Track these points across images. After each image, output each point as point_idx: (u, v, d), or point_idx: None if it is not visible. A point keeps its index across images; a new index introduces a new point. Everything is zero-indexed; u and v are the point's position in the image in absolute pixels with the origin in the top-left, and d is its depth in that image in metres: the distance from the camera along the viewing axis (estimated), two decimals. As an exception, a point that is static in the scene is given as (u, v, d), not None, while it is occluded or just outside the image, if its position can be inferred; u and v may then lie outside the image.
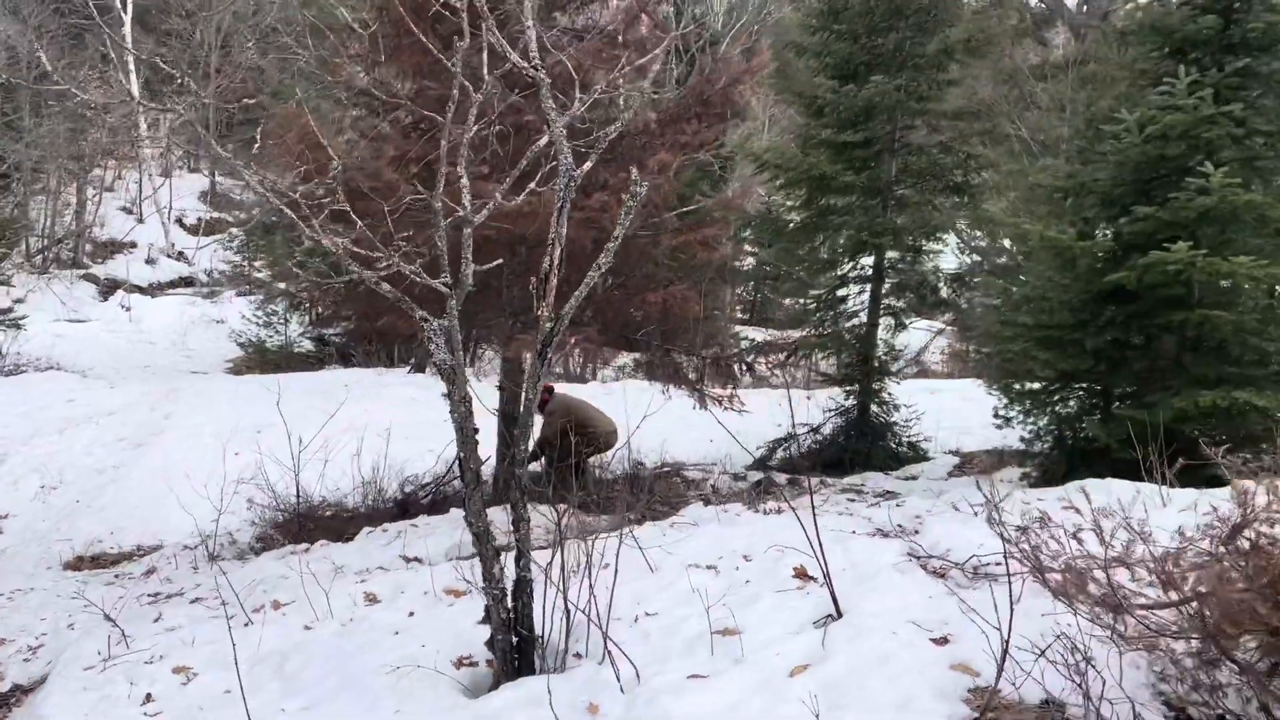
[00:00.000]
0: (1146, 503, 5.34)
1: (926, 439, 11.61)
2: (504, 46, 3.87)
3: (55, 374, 16.98)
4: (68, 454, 12.54)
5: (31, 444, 12.85)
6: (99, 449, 12.74)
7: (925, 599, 4.02)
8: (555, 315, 3.83)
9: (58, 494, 11.38)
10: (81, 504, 10.99)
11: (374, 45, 7.73)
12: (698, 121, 8.01)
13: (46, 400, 14.84)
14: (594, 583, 4.24)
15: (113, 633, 5.25)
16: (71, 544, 9.40)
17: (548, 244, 6.56)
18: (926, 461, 11.31)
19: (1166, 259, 6.19)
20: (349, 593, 5.39)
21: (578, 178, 3.81)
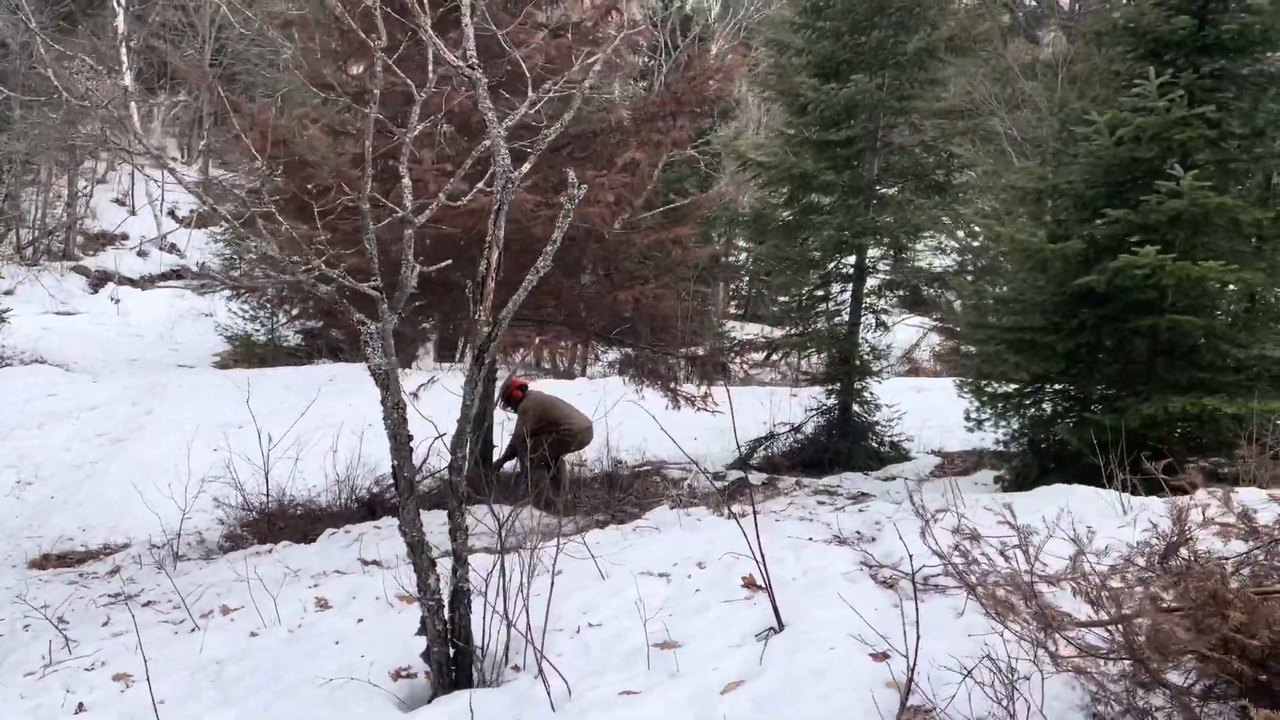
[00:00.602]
0: (1105, 512, 5.30)
1: (909, 438, 11.54)
2: (438, 45, 3.78)
3: (39, 367, 16.89)
4: (46, 449, 12.47)
5: (9, 439, 12.77)
6: (78, 444, 12.68)
7: (871, 610, 3.94)
8: (493, 320, 3.75)
9: (33, 490, 11.31)
10: (57, 500, 10.93)
11: (344, 39, 7.66)
12: (672, 119, 7.93)
13: (28, 394, 14.75)
14: (533, 593, 4.18)
15: (60, 637, 5.19)
16: (42, 541, 9.36)
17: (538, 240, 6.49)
18: (908, 461, 11.25)
19: (1135, 263, 6.11)
20: (300, 598, 5.32)
21: (515, 180, 3.72)
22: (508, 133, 3.87)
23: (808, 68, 10.88)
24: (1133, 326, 6.62)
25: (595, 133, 8.04)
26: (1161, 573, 2.91)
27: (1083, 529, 5.10)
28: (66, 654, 4.90)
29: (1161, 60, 6.69)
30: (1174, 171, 5.99)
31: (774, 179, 10.44)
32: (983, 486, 8.39)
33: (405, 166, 4.02)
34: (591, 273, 7.86)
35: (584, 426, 8.79)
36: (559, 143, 8.13)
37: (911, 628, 3.63)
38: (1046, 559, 3.98)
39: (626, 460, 11.05)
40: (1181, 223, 6.37)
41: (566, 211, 3.68)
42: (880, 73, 10.41)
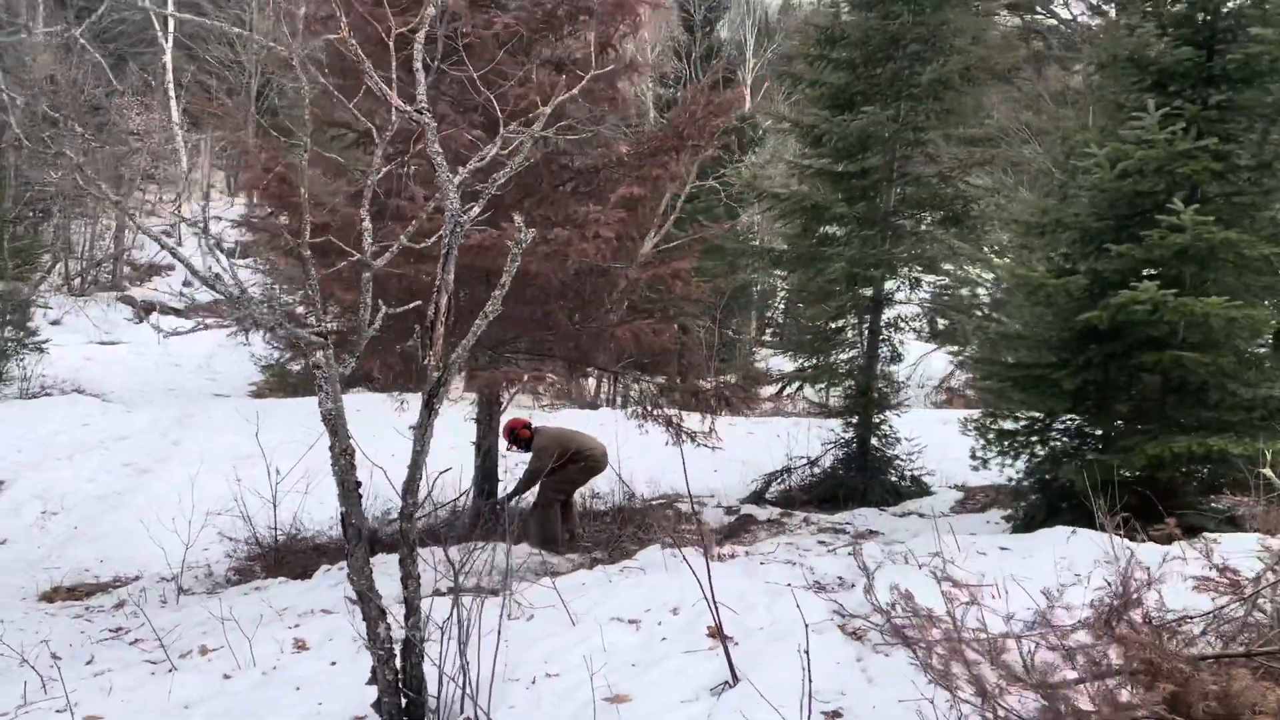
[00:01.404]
0: (1099, 558, 5.12)
1: (930, 472, 11.35)
2: (384, 91, 3.78)
3: (76, 397, 17.22)
4: (73, 480, 12.63)
5: (40, 469, 12.98)
6: (104, 475, 12.84)
7: (832, 664, 3.83)
8: (442, 365, 3.72)
9: (57, 520, 11.46)
10: (79, 531, 11.05)
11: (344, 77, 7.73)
12: (675, 154, 7.90)
13: (62, 424, 15.00)
14: (502, 641, 4.12)
15: (44, 675, 5.22)
16: (58, 573, 9.45)
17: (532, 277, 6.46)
18: (928, 496, 11.06)
19: (1136, 298, 5.95)
20: (279, 638, 5.31)
21: (465, 224, 3.69)
22: (453, 180, 3.85)
23: (821, 99, 10.82)
24: (1138, 363, 6.44)
25: (597, 168, 8.04)
26: (1105, 635, 2.79)
27: (1070, 576, 4.97)
28: (43, 694, 4.92)
29: (1167, 91, 6.54)
30: (1174, 206, 5.83)
31: (786, 211, 10.36)
32: (994, 525, 8.21)
33: (365, 209, 4.01)
34: (589, 309, 7.82)
35: (603, 451, 8.74)
36: (563, 179, 8.16)
37: (869, 685, 3.54)
38: (1023, 609, 3.87)
39: (644, 492, 10.99)
40: (1187, 258, 6.19)
41: (513, 256, 3.65)
42: (894, 104, 10.32)
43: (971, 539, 6.27)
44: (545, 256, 6.96)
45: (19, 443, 14.09)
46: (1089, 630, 2.87)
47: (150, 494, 11.84)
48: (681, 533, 8.34)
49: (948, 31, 10.35)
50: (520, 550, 7.44)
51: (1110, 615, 2.77)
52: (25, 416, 15.46)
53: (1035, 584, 4.57)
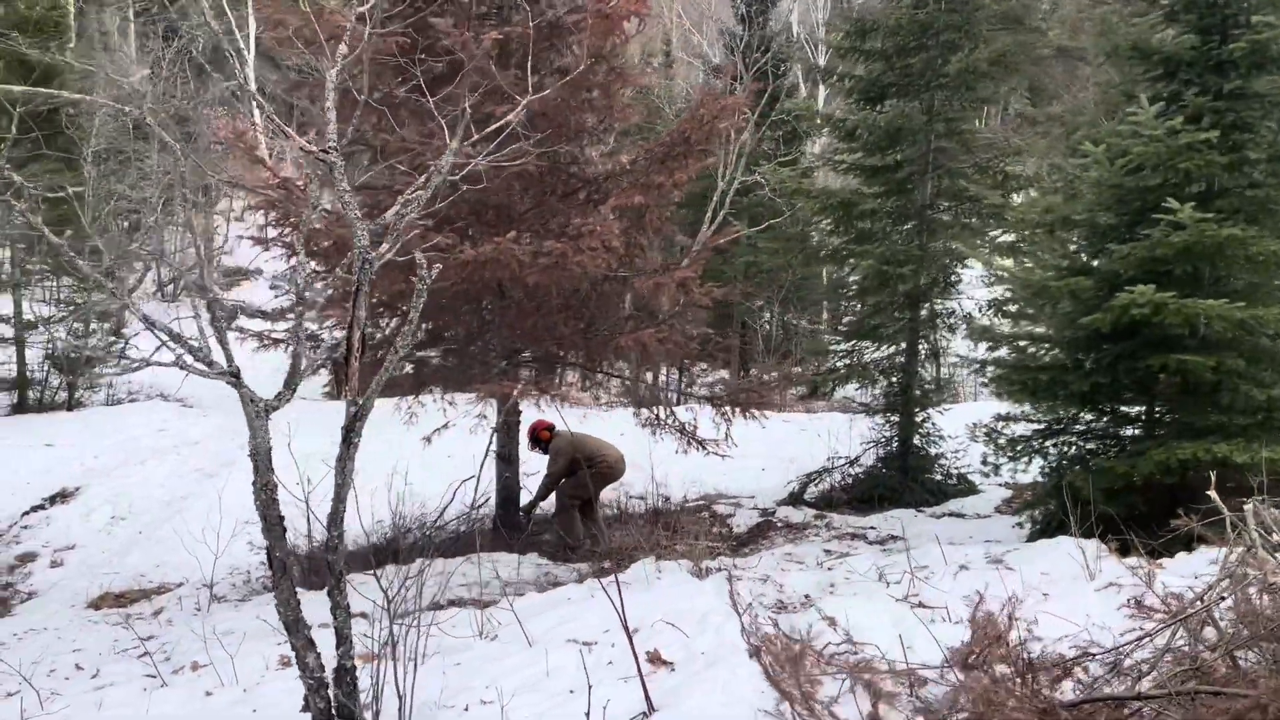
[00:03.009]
0: (1076, 575, 4.96)
1: (980, 470, 11.07)
2: (289, 133, 3.85)
3: (155, 403, 17.95)
4: (143, 485, 13.20)
5: (113, 475, 13.60)
6: (173, 480, 13.39)
7: (756, 693, 3.78)
8: (360, 399, 3.79)
9: (124, 525, 11.99)
10: (143, 536, 11.55)
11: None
12: (683, 160, 7.86)
13: (139, 430, 15.69)
14: (451, 664, 4.19)
15: (51, 691, 5.51)
16: (116, 579, 9.91)
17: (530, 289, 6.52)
18: (974, 496, 10.80)
19: (1136, 300, 5.71)
20: (266, 655, 5.49)
21: (374, 261, 3.75)
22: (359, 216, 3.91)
23: (852, 93, 10.61)
24: (1147, 366, 6.18)
25: (608, 176, 8.05)
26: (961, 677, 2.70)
27: (1038, 596, 4.82)
28: (39, 709, 5.18)
29: (1175, 80, 6.25)
30: (1170, 204, 5.57)
31: (815, 208, 10.20)
32: (1021, 530, 7.98)
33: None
34: (596, 318, 7.84)
35: (618, 457, 8.78)
36: (572, 188, 8.19)
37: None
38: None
39: (684, 495, 10.99)
40: (1193, 256, 5.92)
41: (419, 291, 3.68)
42: (927, 94, 10.07)
43: (968, 551, 6.13)
44: (543, 270, 7.00)
45: (97, 449, 14.79)
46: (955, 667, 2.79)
47: (210, 500, 12.28)
48: (664, 548, 8.27)
49: (981, 19, 10.05)
50: (528, 560, 7.53)
51: (965, 659, 2.68)
52: (106, 423, 16.22)
53: (1000, 603, 4.47)
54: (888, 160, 10.45)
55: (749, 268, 16.24)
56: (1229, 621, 3.25)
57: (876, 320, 10.71)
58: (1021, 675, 2.72)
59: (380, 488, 9.22)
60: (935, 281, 10.19)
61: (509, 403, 8.53)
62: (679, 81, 24.66)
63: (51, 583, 10.03)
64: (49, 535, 11.57)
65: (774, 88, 15.64)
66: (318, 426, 10.29)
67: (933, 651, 3.62)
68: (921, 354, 10.74)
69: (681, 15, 31.95)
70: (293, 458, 8.94)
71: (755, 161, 15.33)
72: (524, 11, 7.60)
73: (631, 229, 7.69)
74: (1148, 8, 6.26)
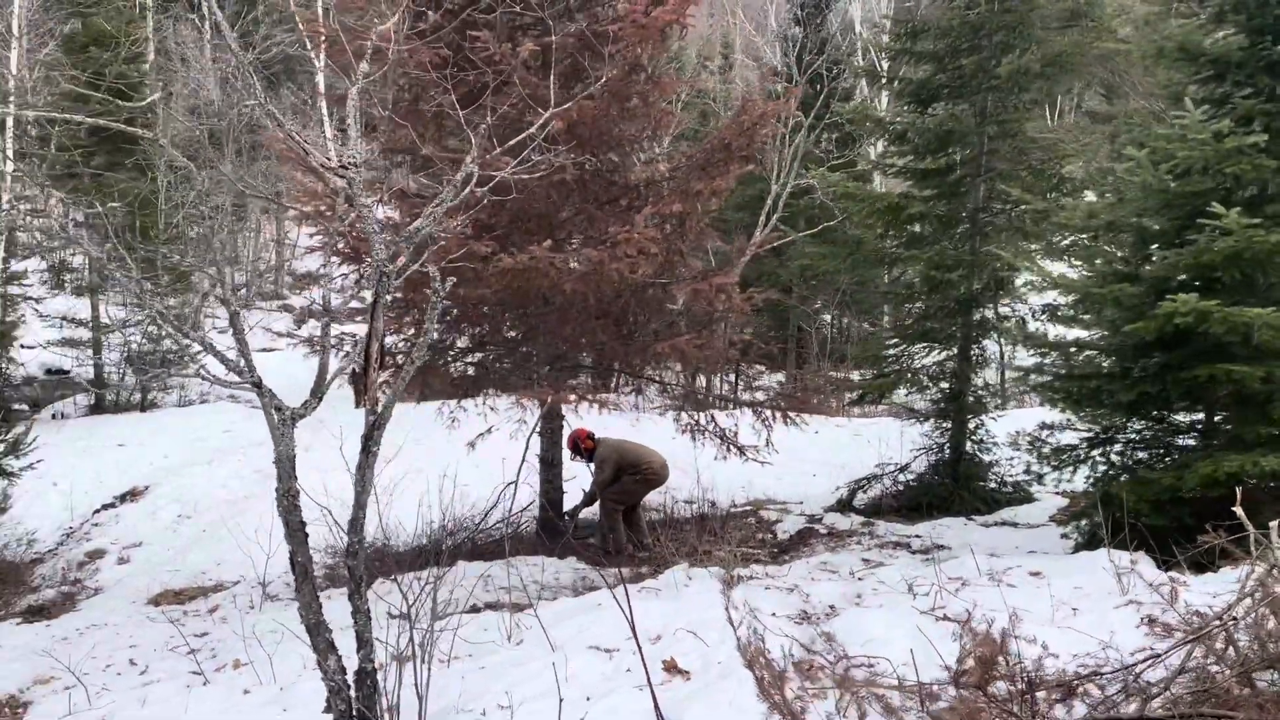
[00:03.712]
0: (1110, 589, 4.85)
1: (1041, 478, 10.85)
2: (305, 150, 3.95)
3: (223, 404, 18.48)
4: (208, 485, 13.58)
5: (181, 474, 14.02)
6: (235, 480, 13.74)
7: (760, 707, 3.78)
8: (377, 408, 3.87)
9: (189, 524, 12.35)
10: (205, 535, 11.87)
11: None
12: (723, 166, 7.86)
13: (206, 431, 16.18)
14: (475, 668, 4.26)
15: (101, 686, 5.71)
16: (177, 576, 10.23)
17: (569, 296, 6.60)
18: (1029, 504, 10.59)
19: (1179, 309, 5.56)
20: (304, 654, 5.59)
21: (391, 274, 3.83)
22: (379, 229, 3.99)
23: (902, 95, 10.50)
24: (1191, 376, 6.02)
25: (648, 183, 8.08)
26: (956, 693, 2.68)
27: (1067, 611, 4.73)
28: (86, 703, 5.38)
29: (1224, 82, 6.08)
30: (1215, 209, 5.42)
31: (863, 211, 10.11)
32: (1065, 541, 7.83)
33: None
34: (635, 325, 7.88)
35: (661, 463, 8.83)
36: (613, 195, 8.24)
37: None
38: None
39: (732, 500, 10.96)
40: (1241, 262, 5.75)
41: (433, 305, 3.76)
42: (977, 97, 9.92)
43: (1006, 563, 6.02)
44: (580, 277, 7.07)
45: (167, 449, 15.28)
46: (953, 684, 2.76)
47: (269, 500, 12.55)
48: (702, 554, 8.27)
49: (1036, 19, 9.87)
50: (566, 564, 7.60)
51: (956, 676, 2.65)
52: (177, 424, 16.75)
53: (1030, 619, 4.39)
54: (938, 163, 10.32)
55: (804, 271, 16.14)
56: (1249, 642, 3.17)
57: (927, 325, 10.57)
58: (1021, 695, 2.68)
59: (432, 489, 9.43)
60: (987, 286, 10.02)
61: (546, 408, 8.61)
62: (737, 84, 24.59)
63: (117, 579, 10.37)
64: (118, 532, 11.97)
65: (829, 90, 15.56)
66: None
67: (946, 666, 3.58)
68: (974, 359, 10.57)
69: (743, 18, 31.89)
70: (344, 459, 9.16)
71: (811, 164, 15.27)
72: (563, 23, 7.70)
73: (672, 236, 7.71)
74: (1196, 8, 6.10)
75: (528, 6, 6.52)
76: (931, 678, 3.51)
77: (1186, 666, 3.12)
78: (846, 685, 2.85)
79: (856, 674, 3.52)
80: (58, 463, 13.36)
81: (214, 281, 10.43)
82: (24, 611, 9.22)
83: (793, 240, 15.73)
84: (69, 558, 11.12)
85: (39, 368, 19.21)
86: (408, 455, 10.93)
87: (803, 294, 18.12)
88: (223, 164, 27.86)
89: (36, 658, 6.88)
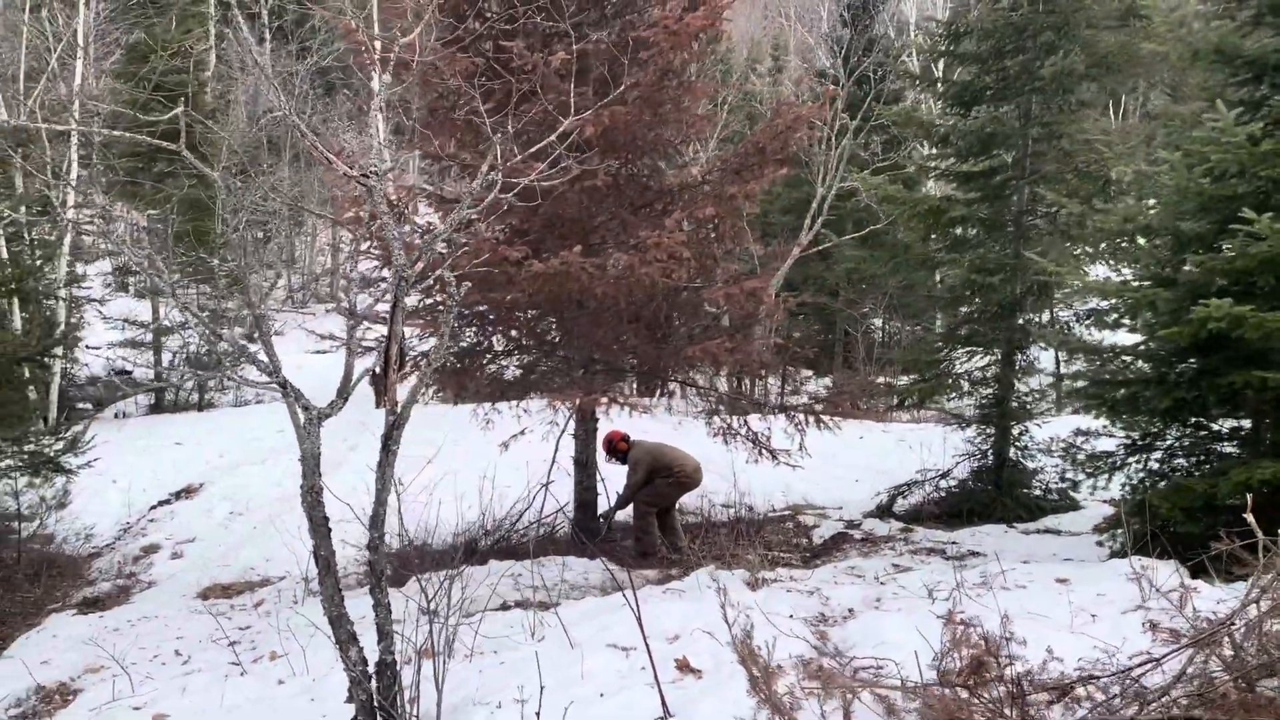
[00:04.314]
0: (1133, 597, 4.81)
1: (1091, 486, 10.70)
2: (324, 152, 4.08)
3: (277, 405, 18.81)
4: (260, 483, 13.92)
5: (234, 473, 14.39)
6: (287, 479, 14.04)
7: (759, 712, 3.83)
8: (396, 410, 3.98)
9: (241, 521, 12.67)
10: (256, 531, 12.18)
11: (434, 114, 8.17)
12: (759, 169, 7.90)
13: (260, 431, 16.54)
14: (495, 664, 4.36)
15: (144, 674, 5.93)
16: (227, 571, 10.51)
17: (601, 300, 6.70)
18: (1073, 512, 10.45)
19: (1212, 313, 5.49)
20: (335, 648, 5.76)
21: (410, 278, 3.94)
22: (398, 235, 4.11)
23: (945, 97, 10.45)
24: (1227, 382, 5.93)
25: (680, 188, 8.15)
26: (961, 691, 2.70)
27: (1086, 618, 4.71)
28: (130, 690, 5.58)
29: (1262, 84, 5.99)
30: (1246, 214, 5.35)
31: (903, 214, 10.07)
32: (1100, 548, 7.73)
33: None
34: (667, 329, 7.95)
35: (695, 466, 8.88)
36: (647, 200, 8.32)
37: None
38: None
39: (771, 504, 10.97)
40: (1276, 267, 5.65)
41: (448, 308, 3.86)
42: (1021, 99, 9.84)
43: (1034, 569, 5.99)
44: (613, 281, 7.15)
45: (222, 447, 15.69)
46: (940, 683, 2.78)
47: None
48: (778, 548, 8.31)
49: (1081, 19, 9.76)
50: (597, 565, 7.68)
51: (942, 677, 2.68)
52: (231, 423, 17.17)
53: (1046, 625, 4.39)
54: (981, 166, 10.24)
55: (850, 274, 16.08)
56: (1252, 647, 3.15)
57: (970, 329, 10.49)
58: (1012, 696, 2.70)
59: (470, 490, 9.59)
60: (1030, 290, 9.93)
61: (577, 410, 8.71)
62: (787, 87, 24.54)
63: (170, 573, 10.68)
64: (172, 528, 12.33)
65: (876, 92, 15.49)
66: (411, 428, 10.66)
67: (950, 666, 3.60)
68: (1018, 365, 10.47)
69: (795, 20, 31.82)
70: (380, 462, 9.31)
71: (858, 167, 15.21)
72: (596, 31, 7.81)
73: (705, 240, 7.77)
74: (1234, 9, 6.01)
75: (561, 16, 6.62)
76: (932, 679, 3.53)
77: (1187, 671, 3.11)
78: (834, 682, 2.89)
79: (862, 675, 3.55)
80: (118, 460, 13.79)
81: (248, 286, 10.72)
82: (80, 603, 9.54)
83: (838, 244, 15.69)
84: (125, 552, 11.47)
85: (102, 368, 19.82)
86: (446, 456, 11.14)
87: (849, 298, 18.04)
88: (279, 170, 28.58)
89: (88, 647, 7.13)
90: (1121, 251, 7.09)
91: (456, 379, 7.99)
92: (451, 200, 7.94)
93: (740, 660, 3.04)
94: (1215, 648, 3.18)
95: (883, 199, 10.50)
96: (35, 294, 14.22)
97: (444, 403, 16.34)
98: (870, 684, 2.93)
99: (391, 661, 4.13)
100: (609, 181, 7.39)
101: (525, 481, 9.91)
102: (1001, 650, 2.79)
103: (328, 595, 4.08)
